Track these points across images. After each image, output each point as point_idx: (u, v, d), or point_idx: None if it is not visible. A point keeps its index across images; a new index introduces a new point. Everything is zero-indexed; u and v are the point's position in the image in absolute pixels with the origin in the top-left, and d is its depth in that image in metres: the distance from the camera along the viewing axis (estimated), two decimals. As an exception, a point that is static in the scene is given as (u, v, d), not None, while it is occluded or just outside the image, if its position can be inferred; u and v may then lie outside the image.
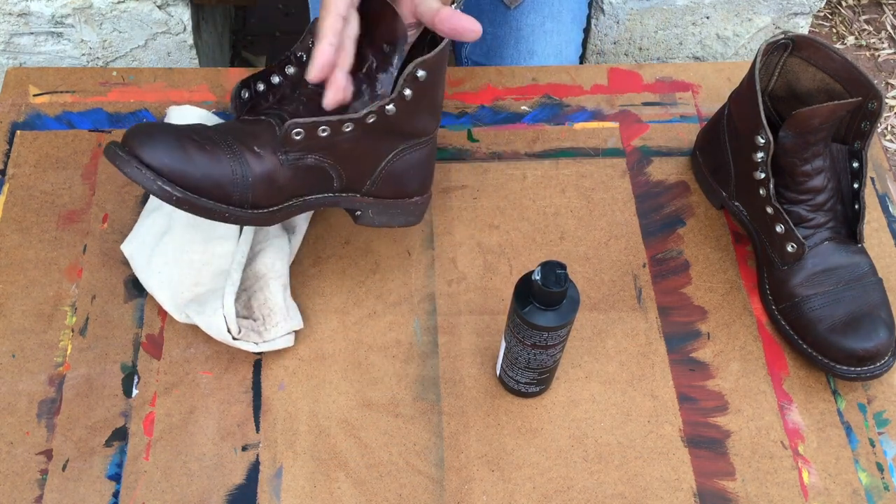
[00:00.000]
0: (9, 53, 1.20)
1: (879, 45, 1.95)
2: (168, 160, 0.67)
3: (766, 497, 0.74)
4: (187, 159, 0.68)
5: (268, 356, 0.79)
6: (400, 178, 0.77)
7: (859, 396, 0.79)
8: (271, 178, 0.71)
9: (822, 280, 0.79)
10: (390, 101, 0.70)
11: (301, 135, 0.70)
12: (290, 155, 0.70)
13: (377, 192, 0.77)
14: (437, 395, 0.78)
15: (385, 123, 0.72)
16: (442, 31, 0.68)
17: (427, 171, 0.79)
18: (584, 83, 0.98)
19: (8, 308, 0.80)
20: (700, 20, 1.26)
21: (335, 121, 0.69)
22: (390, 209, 0.78)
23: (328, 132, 0.70)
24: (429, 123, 0.76)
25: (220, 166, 0.69)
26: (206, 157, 0.68)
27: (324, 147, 0.71)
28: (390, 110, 0.71)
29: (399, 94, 0.70)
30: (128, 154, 0.67)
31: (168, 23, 1.17)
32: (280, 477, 0.73)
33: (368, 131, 0.72)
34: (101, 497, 0.72)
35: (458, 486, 0.73)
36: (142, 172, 0.67)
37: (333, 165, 0.73)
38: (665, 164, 0.93)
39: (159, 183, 0.67)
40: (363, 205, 0.77)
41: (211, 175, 0.68)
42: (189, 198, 0.68)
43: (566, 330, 0.68)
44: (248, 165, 0.70)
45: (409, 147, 0.76)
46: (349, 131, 0.71)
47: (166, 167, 0.67)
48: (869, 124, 0.79)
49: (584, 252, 0.86)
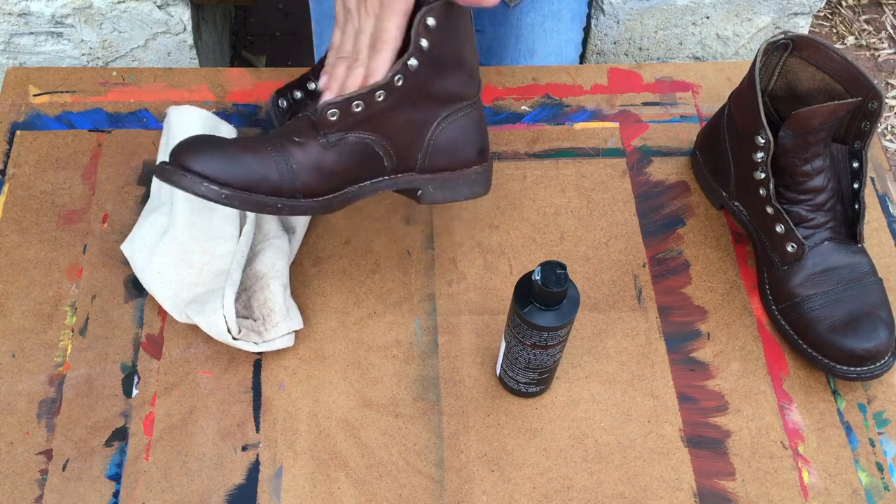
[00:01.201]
0: (9, 53, 1.20)
1: (879, 45, 1.95)
2: (213, 163, 0.68)
3: (766, 497, 0.74)
4: (231, 159, 0.69)
5: (268, 356, 0.79)
6: (451, 148, 0.76)
7: (859, 396, 0.79)
8: (317, 164, 0.71)
9: (822, 280, 0.79)
10: (409, 56, 0.70)
11: (336, 115, 0.70)
12: (331, 136, 0.71)
13: (431, 166, 0.76)
14: (437, 395, 0.78)
15: (416, 86, 0.72)
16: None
17: (480, 137, 0.78)
18: (584, 83, 0.98)
19: (8, 308, 0.80)
20: (700, 20, 1.26)
21: (366, 92, 0.70)
22: (451, 182, 0.77)
23: (362, 106, 0.70)
24: (465, 86, 0.75)
25: (263, 160, 0.70)
26: (249, 154, 0.70)
27: (363, 122, 0.71)
28: (413, 65, 0.70)
29: (416, 46, 0.70)
30: (175, 166, 0.68)
31: (168, 23, 1.17)
32: (280, 477, 0.73)
33: (403, 99, 0.71)
34: (101, 497, 0.72)
35: (458, 486, 0.73)
36: (188, 178, 0.68)
37: (377, 140, 0.72)
38: (665, 164, 0.93)
39: (205, 184, 0.68)
40: (422, 182, 0.76)
41: (256, 170, 0.69)
42: (239, 194, 0.69)
43: (566, 330, 0.68)
44: (290, 154, 0.70)
45: (452, 114, 0.75)
46: (382, 100, 0.70)
47: (211, 170, 0.68)
48: (869, 124, 0.79)
49: (584, 252, 0.86)
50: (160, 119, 0.93)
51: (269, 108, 0.77)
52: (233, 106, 0.94)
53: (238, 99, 0.95)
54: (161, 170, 0.69)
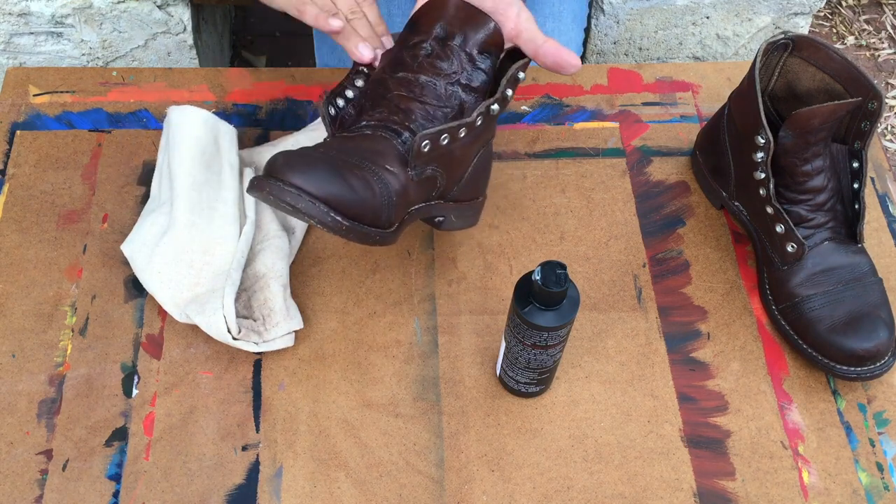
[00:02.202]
0: (9, 53, 1.20)
1: (879, 45, 1.95)
2: (332, 189, 0.64)
3: (766, 497, 0.74)
4: (348, 187, 0.65)
5: (268, 356, 0.79)
6: (477, 180, 0.78)
7: (859, 396, 0.79)
8: (406, 194, 0.70)
9: (822, 280, 0.79)
10: (495, 101, 0.72)
11: (428, 146, 0.69)
12: (418, 168, 0.70)
13: (458, 196, 0.77)
14: (437, 395, 0.78)
15: (487, 128, 0.74)
16: (544, 63, 0.72)
17: (490, 171, 0.81)
18: (585, 83, 0.98)
19: (8, 308, 0.80)
20: (700, 20, 1.26)
21: (454, 126, 0.70)
22: (466, 211, 0.79)
23: (448, 139, 0.71)
24: (494, 127, 0.78)
25: (371, 191, 0.67)
26: (360, 183, 0.66)
27: (441, 156, 0.71)
28: (494, 111, 0.72)
29: (503, 95, 0.72)
30: (289, 185, 0.63)
31: (168, 23, 1.17)
32: (280, 477, 0.73)
33: (473, 139, 0.73)
34: (101, 497, 0.72)
35: (458, 486, 0.73)
36: (315, 205, 0.63)
37: (442, 174, 0.73)
38: (665, 164, 0.93)
39: (332, 215, 0.64)
40: (447, 210, 0.77)
41: (367, 200, 0.66)
42: (354, 226, 0.65)
43: (566, 330, 0.68)
44: (389, 186, 0.68)
45: (480, 148, 0.77)
46: (463, 137, 0.72)
47: (332, 197, 0.64)
48: (869, 124, 0.79)
49: (584, 252, 0.86)
50: (160, 119, 0.93)
51: (324, 115, 0.74)
52: (233, 106, 0.94)
53: (238, 99, 0.95)
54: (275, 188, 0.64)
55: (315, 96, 0.95)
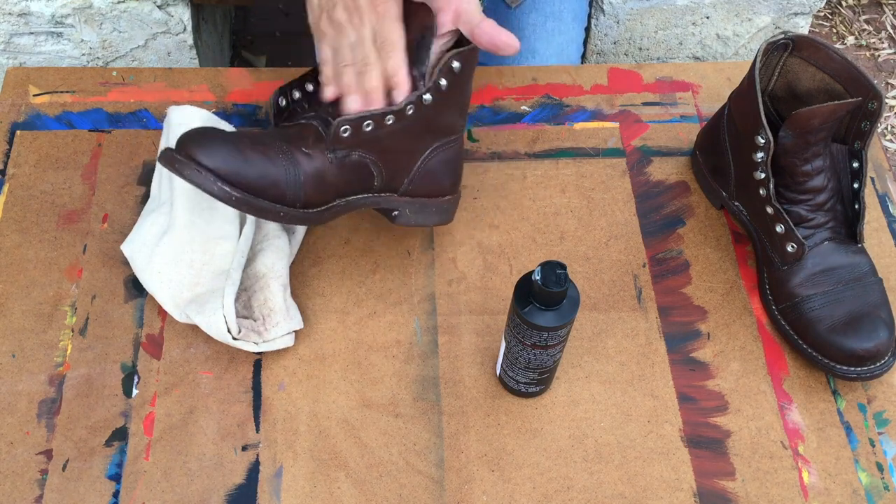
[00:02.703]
0: (9, 53, 1.20)
1: (879, 45, 1.95)
2: (226, 162, 0.69)
3: (766, 497, 0.74)
4: (244, 160, 0.69)
5: (268, 356, 0.79)
6: (434, 177, 0.79)
7: (859, 396, 0.79)
8: (321, 177, 0.72)
9: (822, 280, 0.79)
10: (426, 91, 0.72)
11: (348, 131, 0.72)
12: (339, 152, 0.72)
13: (413, 192, 0.79)
14: (437, 395, 0.78)
15: (421, 117, 0.74)
16: (480, 43, 0.72)
17: (457, 170, 0.81)
18: (585, 83, 0.98)
19: (8, 308, 0.80)
20: (700, 20, 1.26)
21: (378, 114, 0.72)
22: (426, 208, 0.80)
23: (372, 126, 0.72)
24: (458, 121, 0.78)
25: (274, 166, 0.71)
26: (261, 158, 0.70)
27: (368, 142, 0.73)
28: (427, 100, 0.73)
29: (435, 84, 0.72)
30: (186, 158, 0.68)
31: (168, 23, 1.17)
32: (280, 477, 0.73)
33: (407, 126, 0.74)
34: (101, 497, 0.72)
35: (458, 486, 0.73)
36: (201, 175, 0.68)
37: (375, 162, 0.74)
38: (665, 164, 0.93)
39: (219, 184, 0.68)
40: (401, 204, 0.79)
41: (267, 175, 0.70)
42: (247, 198, 0.69)
43: (566, 330, 0.68)
44: (299, 165, 0.72)
45: (441, 146, 0.78)
46: (391, 124, 0.73)
47: (224, 169, 0.69)
48: (869, 124, 0.79)
49: (584, 252, 0.86)
50: (160, 119, 0.93)
51: (270, 105, 0.77)
52: (233, 106, 0.94)
53: (238, 99, 0.95)
54: (172, 159, 0.69)
55: (315, 96, 0.96)
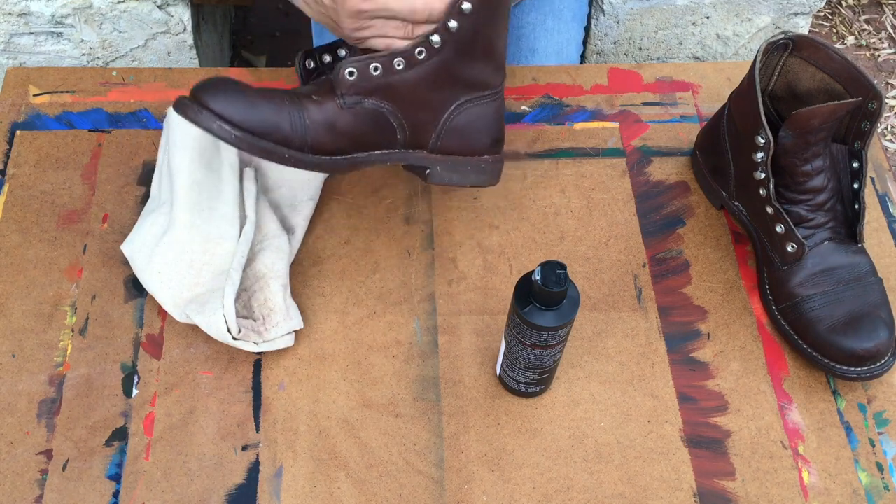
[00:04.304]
0: (9, 53, 1.20)
1: (879, 45, 1.95)
2: (229, 104, 0.69)
3: (766, 497, 0.74)
4: (249, 104, 0.70)
5: (268, 356, 0.79)
6: (466, 133, 0.77)
7: (859, 396, 0.79)
8: (331, 123, 0.72)
9: (822, 280, 0.79)
10: (434, 31, 0.71)
11: (354, 75, 0.71)
12: (348, 98, 0.72)
13: (444, 148, 0.77)
14: (437, 395, 0.78)
15: (439, 65, 0.72)
16: None
17: (496, 128, 0.79)
18: (584, 83, 0.98)
19: (8, 308, 0.80)
20: (700, 20, 1.26)
21: (386, 56, 0.71)
22: (461, 166, 0.78)
23: (380, 70, 0.71)
24: (490, 75, 0.76)
25: (279, 111, 0.70)
26: (266, 102, 0.70)
27: (381, 89, 0.72)
28: (435, 41, 0.71)
29: (444, 25, 0.71)
30: (192, 101, 0.69)
31: (168, 23, 1.17)
32: (280, 477, 0.73)
33: (423, 74, 0.72)
34: (101, 497, 0.72)
35: (458, 486, 0.73)
36: (202, 114, 0.68)
37: (392, 111, 0.73)
38: (665, 164, 0.93)
39: (219, 123, 0.68)
40: (431, 161, 0.77)
41: (269, 118, 0.70)
42: (248, 138, 0.69)
43: (566, 330, 0.68)
44: (305, 110, 0.71)
45: (472, 100, 0.76)
46: (401, 69, 0.71)
47: (228, 111, 0.69)
48: (869, 124, 0.79)
49: (584, 252, 0.86)
50: (160, 119, 0.93)
51: (297, 67, 0.77)
52: (233, 106, 0.94)
53: (238, 99, 0.95)
54: (179, 103, 0.69)
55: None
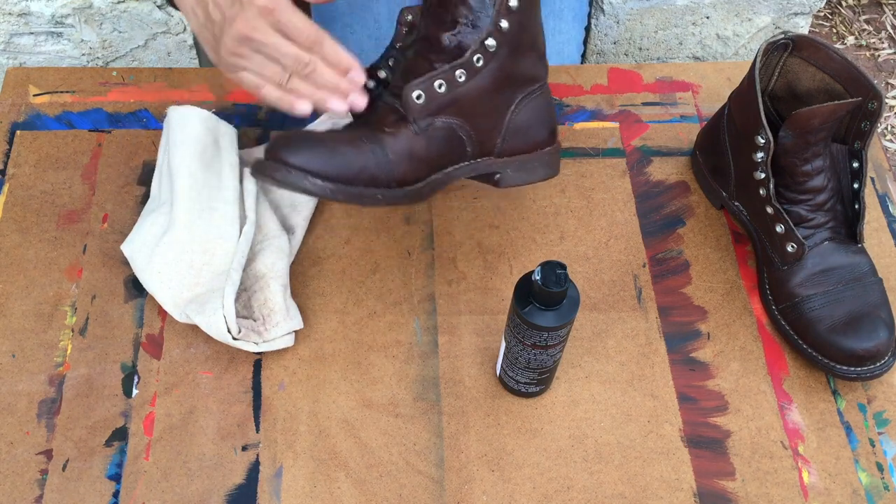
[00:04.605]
0: (9, 53, 1.20)
1: (879, 45, 1.95)
2: (313, 157, 0.68)
3: (766, 497, 0.74)
4: (330, 152, 0.68)
5: (268, 356, 0.79)
6: (528, 129, 0.77)
7: (859, 396, 0.79)
8: (411, 152, 0.71)
9: (822, 280, 0.79)
10: (488, 35, 0.71)
11: (422, 98, 0.71)
12: (420, 122, 0.71)
13: (510, 149, 0.77)
14: (437, 395, 0.78)
15: (496, 68, 0.72)
16: None
17: (551, 118, 0.79)
18: (584, 83, 0.98)
19: (8, 308, 0.80)
20: (700, 20, 1.26)
21: (447, 69, 0.70)
22: (528, 164, 0.78)
23: (444, 86, 0.71)
24: (537, 68, 0.76)
25: (361, 152, 0.69)
26: (346, 146, 0.69)
27: (448, 104, 0.72)
28: (490, 45, 0.71)
29: (496, 27, 0.71)
30: (274, 161, 0.68)
31: (168, 23, 1.17)
32: (280, 477, 0.73)
33: (483, 81, 0.72)
34: (101, 497, 0.72)
35: (458, 486, 0.73)
36: (292, 174, 0.67)
37: (462, 126, 0.73)
38: (665, 164, 0.93)
39: (310, 179, 0.67)
40: (500, 166, 0.77)
41: (355, 162, 0.69)
42: (341, 188, 0.68)
43: (566, 330, 0.68)
44: (385, 145, 0.70)
45: (526, 96, 0.76)
46: (464, 80, 0.71)
47: (313, 164, 0.67)
48: (869, 124, 0.79)
49: (584, 252, 0.86)
50: (160, 119, 0.93)
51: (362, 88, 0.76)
52: (233, 106, 0.94)
53: (238, 99, 0.95)
54: (258, 167, 0.68)
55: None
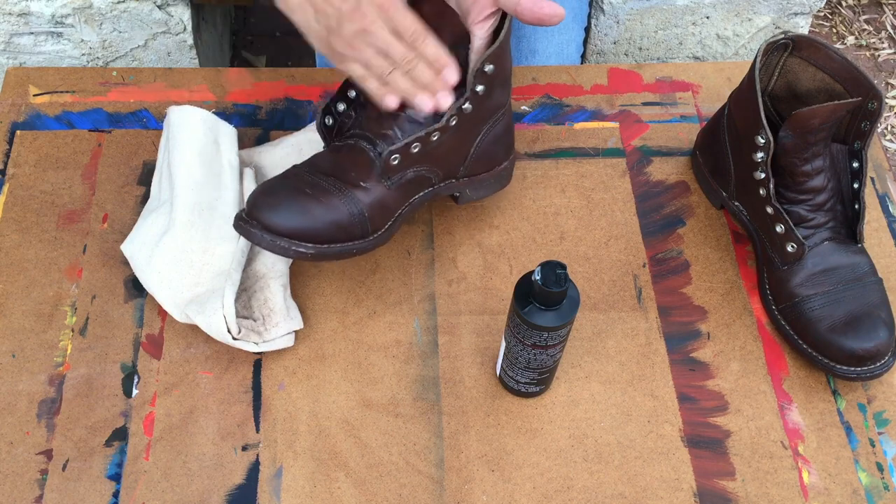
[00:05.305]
0: (9, 53, 1.20)
1: (879, 45, 1.95)
2: (293, 222, 0.71)
3: (766, 497, 0.74)
4: (310, 216, 0.72)
5: (268, 356, 0.79)
6: (489, 154, 0.81)
7: (859, 396, 0.79)
8: (383, 205, 0.75)
9: (822, 280, 0.79)
10: (465, 101, 0.74)
11: (398, 160, 0.74)
12: (394, 178, 0.75)
13: (471, 173, 0.81)
14: (437, 395, 0.78)
15: (469, 120, 0.76)
16: (524, 19, 0.71)
17: (509, 138, 0.83)
18: (584, 83, 0.98)
19: (8, 308, 0.80)
20: (700, 20, 1.26)
21: (424, 135, 0.74)
22: (485, 182, 0.83)
23: (419, 147, 0.74)
24: (502, 97, 0.79)
25: (337, 212, 0.73)
26: (323, 208, 0.73)
27: (420, 158, 0.75)
28: (467, 109, 0.75)
29: (472, 93, 0.74)
30: (258, 227, 0.71)
31: (168, 23, 1.17)
32: (280, 477, 0.73)
33: (456, 134, 0.76)
34: (101, 497, 0.72)
35: (458, 486, 0.73)
36: (276, 243, 0.71)
37: (431, 170, 0.77)
38: (665, 164, 0.93)
39: (294, 248, 0.72)
40: (460, 187, 0.82)
41: (333, 222, 0.73)
42: (321, 250, 0.73)
43: (566, 330, 0.68)
44: (359, 201, 0.74)
45: (491, 126, 0.79)
46: (437, 139, 0.75)
47: (294, 230, 0.71)
48: (869, 124, 0.79)
49: (584, 252, 0.86)
50: (160, 119, 0.93)
51: (318, 126, 0.79)
52: (233, 106, 0.94)
53: (238, 99, 0.95)
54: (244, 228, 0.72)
55: (315, 96, 0.96)
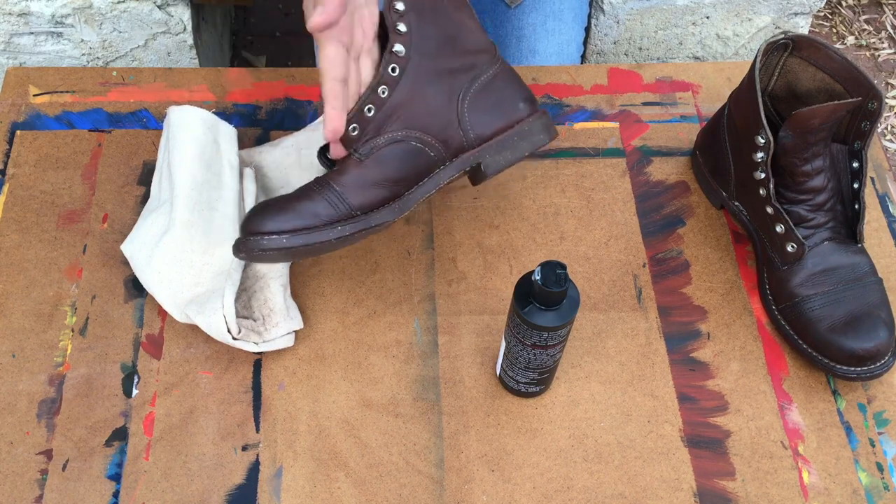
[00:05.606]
0: (9, 53, 1.20)
1: (879, 45, 1.95)
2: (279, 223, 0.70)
3: (766, 497, 0.74)
4: (293, 212, 0.71)
5: (268, 356, 0.79)
6: (492, 110, 0.75)
7: (859, 396, 0.79)
8: (361, 180, 0.71)
9: (822, 280, 0.79)
10: (393, 43, 0.70)
11: (356, 128, 0.71)
12: (361, 148, 0.71)
13: (480, 136, 0.75)
14: (437, 395, 0.78)
15: (415, 68, 0.71)
16: None
17: (519, 89, 0.76)
18: (584, 83, 0.98)
19: (8, 308, 0.80)
20: (700, 20, 1.26)
21: (371, 93, 0.70)
22: (507, 141, 0.75)
23: (374, 109, 0.71)
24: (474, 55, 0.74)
25: (312, 199, 0.71)
26: (303, 200, 0.71)
27: (383, 122, 0.71)
28: (399, 51, 0.71)
29: (394, 31, 0.70)
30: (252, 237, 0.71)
31: (168, 23, 1.17)
32: (280, 477, 0.73)
33: (411, 86, 0.71)
34: (101, 497, 0.72)
35: (458, 486, 0.73)
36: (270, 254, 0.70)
37: (410, 135, 0.72)
38: (665, 164, 0.93)
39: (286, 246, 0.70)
40: (478, 154, 0.75)
41: (308, 209, 0.71)
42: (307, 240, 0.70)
43: (566, 330, 0.68)
44: (330, 183, 0.72)
45: (474, 80, 0.74)
46: (388, 95, 0.71)
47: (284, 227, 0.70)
48: (869, 124, 0.79)
49: (584, 252, 0.86)
50: (160, 119, 0.93)
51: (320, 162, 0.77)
52: (233, 106, 0.94)
53: (238, 99, 0.95)
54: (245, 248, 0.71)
55: (315, 96, 0.96)
